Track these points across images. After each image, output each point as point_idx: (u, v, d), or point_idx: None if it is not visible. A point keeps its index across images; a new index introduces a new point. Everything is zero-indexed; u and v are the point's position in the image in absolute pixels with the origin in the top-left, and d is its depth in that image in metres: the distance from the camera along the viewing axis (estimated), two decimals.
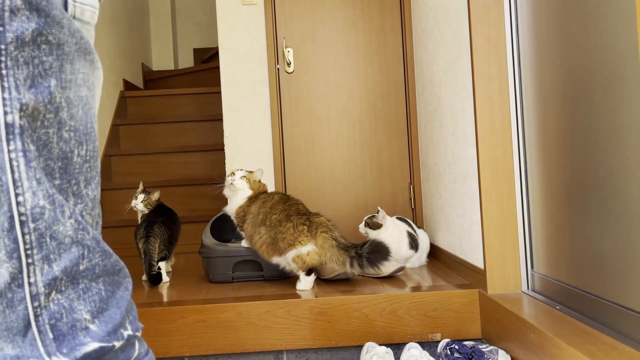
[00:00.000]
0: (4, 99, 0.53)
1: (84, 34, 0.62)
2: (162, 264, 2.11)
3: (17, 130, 0.54)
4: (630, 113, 1.10)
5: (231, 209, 2.01)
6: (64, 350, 0.58)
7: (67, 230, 0.59)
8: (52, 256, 0.58)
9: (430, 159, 2.38)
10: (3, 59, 0.53)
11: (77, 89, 0.60)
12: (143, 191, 2.20)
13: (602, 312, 1.23)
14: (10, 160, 0.55)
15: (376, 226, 2.11)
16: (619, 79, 1.14)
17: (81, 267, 0.60)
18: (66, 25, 0.58)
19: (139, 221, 2.20)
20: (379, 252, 1.74)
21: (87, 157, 0.62)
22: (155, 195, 2.22)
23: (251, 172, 2.01)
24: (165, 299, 1.84)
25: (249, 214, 1.92)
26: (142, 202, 2.17)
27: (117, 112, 3.87)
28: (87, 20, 0.63)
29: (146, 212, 2.18)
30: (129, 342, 0.63)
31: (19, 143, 0.55)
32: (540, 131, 1.51)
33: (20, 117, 0.54)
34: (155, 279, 2.03)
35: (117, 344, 0.61)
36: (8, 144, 0.54)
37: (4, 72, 0.53)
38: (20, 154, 0.55)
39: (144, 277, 2.13)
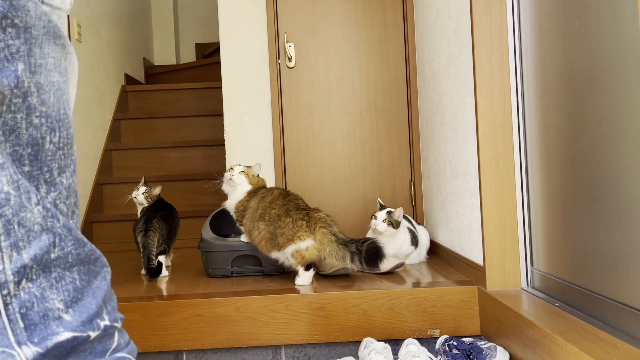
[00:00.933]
0: None
1: (53, 17, 0.61)
2: (161, 258, 2.11)
3: None
4: (633, 110, 1.10)
5: (230, 204, 2.01)
6: (35, 340, 0.57)
7: (35, 217, 0.58)
8: (20, 243, 0.57)
9: (431, 155, 2.37)
10: None
11: (47, 74, 0.59)
12: (145, 184, 2.20)
13: (601, 310, 1.22)
14: None
15: (397, 225, 2.08)
16: (621, 76, 1.13)
17: (52, 256, 0.59)
18: (32, 9, 0.56)
19: (138, 216, 2.20)
20: (375, 252, 1.73)
21: (61, 145, 0.61)
22: (157, 190, 2.21)
23: (249, 167, 2.01)
24: (164, 293, 1.83)
25: (248, 209, 1.92)
26: (143, 193, 2.17)
27: (119, 106, 3.87)
28: (57, 5, 0.62)
29: (145, 205, 2.18)
30: (107, 332, 0.63)
31: None
32: (542, 128, 1.50)
33: None
34: (154, 271, 2.03)
35: (93, 334, 0.61)
36: None
37: None
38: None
39: (143, 271, 2.13)
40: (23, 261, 0.57)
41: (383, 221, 2.03)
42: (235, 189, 1.98)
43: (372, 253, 1.72)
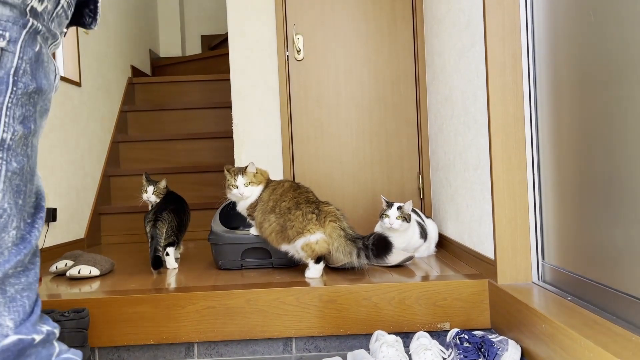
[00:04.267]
0: (3, 123, 0.71)
1: (50, 99, 0.81)
2: (170, 250, 2.12)
3: (5, 146, 0.71)
4: None
5: (242, 208, 1.99)
6: None
7: (10, 240, 0.69)
8: None
9: (440, 148, 2.36)
10: (10, 99, 0.71)
11: (37, 138, 0.77)
12: (150, 182, 2.19)
13: (615, 303, 1.22)
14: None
15: (409, 218, 2.06)
16: (636, 70, 1.12)
17: (11, 280, 0.68)
18: (47, 94, 0.78)
19: (150, 208, 2.20)
20: (383, 246, 1.74)
21: (30, 194, 0.76)
22: (163, 184, 2.21)
23: (245, 169, 1.95)
24: (174, 285, 1.84)
25: (260, 202, 1.92)
26: (153, 193, 2.17)
27: (125, 98, 3.87)
28: (56, 87, 0.83)
29: (158, 201, 2.18)
30: (48, 337, 0.70)
31: (4, 155, 0.71)
32: (554, 121, 1.50)
33: (11, 139, 0.71)
34: (155, 262, 2.03)
35: (38, 338, 0.68)
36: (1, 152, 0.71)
37: (8, 106, 0.71)
38: (3, 163, 0.70)
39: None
40: None
41: (397, 218, 2.03)
42: (250, 197, 1.96)
43: (380, 245, 1.72)
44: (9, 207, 0.69)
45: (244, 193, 1.92)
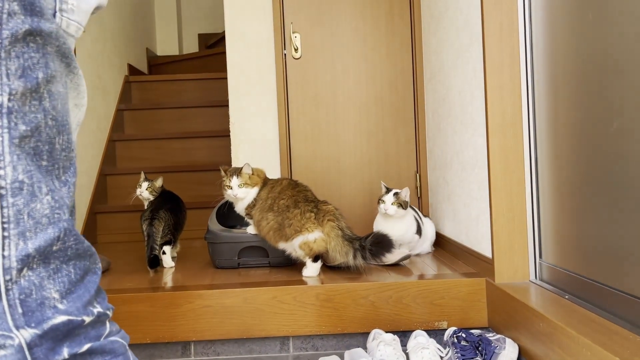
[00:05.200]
0: None
1: (67, 40, 0.71)
2: (167, 249, 2.11)
3: (4, 110, 0.62)
4: None
5: (241, 208, 1.98)
6: (32, 324, 0.62)
7: (44, 209, 0.64)
8: (28, 234, 0.62)
9: (438, 147, 2.37)
10: None
11: (56, 85, 0.68)
12: (146, 179, 2.19)
13: (612, 302, 1.23)
14: None
15: (406, 205, 2.06)
16: (633, 70, 1.12)
17: (54, 248, 0.64)
18: (53, 31, 0.67)
19: (145, 207, 2.20)
20: (382, 244, 1.74)
21: (64, 146, 0.68)
22: (159, 182, 2.21)
23: (240, 170, 1.94)
24: (171, 284, 1.84)
25: (258, 200, 1.91)
26: (146, 189, 2.17)
27: (122, 96, 3.86)
28: (71, 33, 0.72)
29: (151, 199, 2.17)
30: (99, 319, 0.68)
31: (5, 121, 0.62)
32: (552, 120, 1.50)
33: (9, 100, 0.62)
34: (152, 261, 2.02)
35: (87, 319, 0.66)
36: None
37: None
38: (5, 130, 0.61)
39: None
40: (28, 250, 0.62)
41: (392, 204, 2.03)
42: (245, 198, 1.96)
43: (379, 242, 1.72)
44: (29, 177, 0.62)
45: (238, 194, 1.92)
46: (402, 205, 2.04)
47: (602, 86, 1.24)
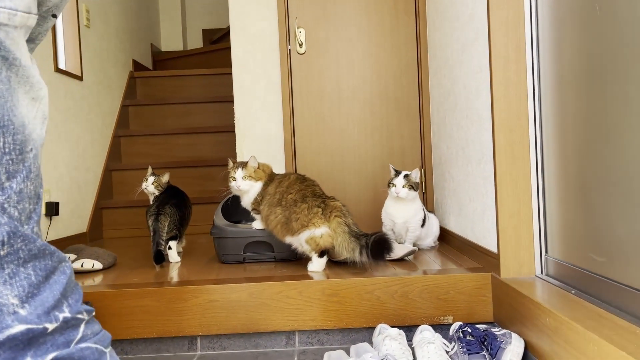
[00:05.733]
0: None
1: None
2: (172, 244, 2.12)
3: None
4: None
5: (247, 202, 1.99)
6: None
7: None
8: None
9: (443, 142, 2.36)
10: None
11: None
12: (153, 174, 2.20)
13: (619, 297, 1.22)
14: None
15: (417, 187, 2.04)
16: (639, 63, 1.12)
17: (2, 253, 0.60)
18: None
19: (151, 202, 2.20)
20: (383, 244, 1.74)
21: (6, 150, 0.62)
22: (165, 177, 2.21)
23: (246, 163, 1.95)
24: (177, 278, 1.84)
25: (266, 195, 1.91)
26: (152, 183, 2.17)
27: (127, 92, 3.86)
28: (3, 22, 0.64)
29: (157, 193, 2.18)
30: (68, 324, 0.64)
31: None
32: (558, 114, 1.49)
33: None
34: (157, 256, 2.03)
35: (50, 326, 0.62)
36: None
37: None
38: None
39: None
40: None
41: (403, 186, 2.02)
42: (248, 192, 1.96)
43: (378, 245, 1.72)
44: None
45: (241, 186, 1.92)
46: (413, 187, 2.04)
47: (610, 80, 1.23)
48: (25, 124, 0.65)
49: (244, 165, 1.95)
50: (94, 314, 0.70)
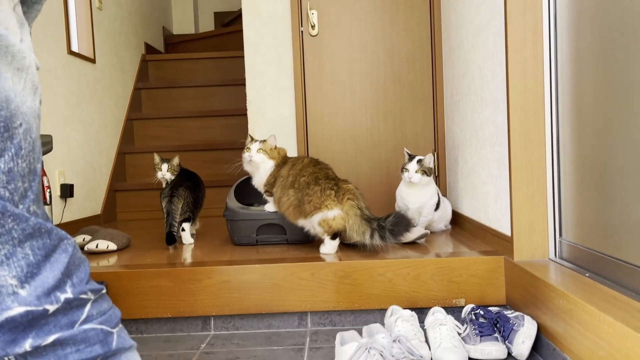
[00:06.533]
0: None
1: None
2: (186, 226, 2.14)
3: None
4: None
5: (258, 182, 2.00)
6: None
7: None
8: None
9: (456, 125, 2.34)
10: None
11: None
12: (162, 160, 2.20)
13: (634, 279, 1.22)
14: None
15: (430, 172, 2.04)
16: None
17: None
18: None
19: (164, 185, 2.22)
20: (402, 223, 1.75)
21: None
22: (176, 160, 2.22)
23: (265, 140, 1.98)
24: (190, 260, 1.86)
25: (279, 178, 1.92)
26: (168, 170, 2.18)
27: (139, 75, 3.87)
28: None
29: (173, 178, 2.19)
30: (70, 305, 0.62)
31: None
32: (575, 96, 1.47)
33: None
34: (169, 238, 2.06)
35: (51, 308, 0.60)
36: None
37: None
38: None
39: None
40: None
41: (416, 172, 2.02)
42: (259, 168, 1.97)
43: (399, 223, 1.73)
44: None
45: (253, 157, 1.94)
46: (427, 172, 2.03)
47: (629, 62, 1.21)
48: (11, 99, 0.61)
49: (262, 140, 1.98)
50: (103, 292, 0.68)
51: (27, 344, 0.59)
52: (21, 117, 0.62)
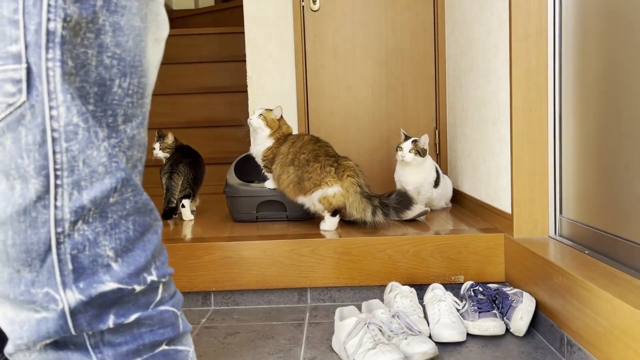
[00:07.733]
0: (49, 5, 0.51)
1: None
2: (186, 202, 2.14)
3: (57, 39, 0.52)
4: None
5: (256, 150, 1.99)
6: (81, 285, 0.56)
7: (101, 157, 0.56)
8: (83, 183, 0.55)
9: (458, 102, 2.32)
10: None
11: (130, 17, 0.57)
12: (157, 139, 2.21)
13: (633, 256, 1.21)
14: (47, 69, 0.52)
15: (424, 153, 2.05)
16: None
17: (111, 200, 0.57)
18: None
19: (164, 161, 2.22)
20: (404, 201, 1.76)
21: (130, 91, 0.59)
22: (169, 138, 2.22)
23: (270, 110, 1.98)
24: (190, 235, 1.86)
25: (279, 155, 1.91)
26: (160, 149, 2.19)
27: None
28: None
29: (168, 156, 2.20)
30: (152, 287, 0.61)
31: (57, 52, 0.52)
32: (579, 72, 1.45)
33: (63, 27, 0.52)
34: (166, 213, 2.07)
35: (138, 288, 0.60)
36: (47, 52, 0.52)
37: None
38: (58, 64, 0.52)
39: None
40: (82, 201, 0.55)
41: (410, 151, 2.02)
42: (257, 134, 1.97)
43: (402, 201, 1.74)
44: (84, 120, 0.55)
45: (252, 120, 1.95)
46: (420, 152, 2.02)
47: (634, 38, 1.19)
48: (149, 68, 0.62)
49: (268, 109, 1.98)
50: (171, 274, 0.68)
51: (111, 321, 0.58)
52: (149, 89, 0.62)
